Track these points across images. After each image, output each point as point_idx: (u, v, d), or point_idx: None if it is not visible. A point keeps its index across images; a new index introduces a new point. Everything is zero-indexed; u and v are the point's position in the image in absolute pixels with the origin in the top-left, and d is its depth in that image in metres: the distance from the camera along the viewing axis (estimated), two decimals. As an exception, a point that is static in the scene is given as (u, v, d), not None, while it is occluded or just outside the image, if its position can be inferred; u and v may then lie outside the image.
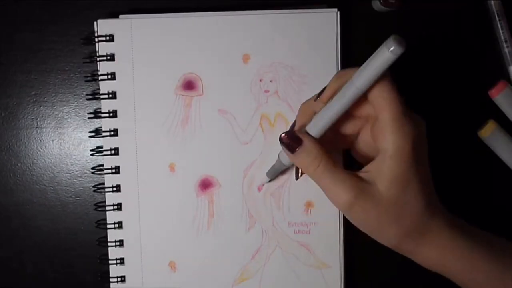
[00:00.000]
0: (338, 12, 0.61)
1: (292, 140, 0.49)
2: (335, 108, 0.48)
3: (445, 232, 0.50)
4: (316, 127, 0.50)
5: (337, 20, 0.60)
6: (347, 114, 0.50)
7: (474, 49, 0.64)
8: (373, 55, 0.45)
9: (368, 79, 0.45)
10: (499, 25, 0.62)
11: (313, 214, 0.62)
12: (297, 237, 0.63)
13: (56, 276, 0.65)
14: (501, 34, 0.62)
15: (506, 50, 0.63)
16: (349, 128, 0.53)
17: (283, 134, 0.50)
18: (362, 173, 0.49)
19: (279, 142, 0.51)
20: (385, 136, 0.47)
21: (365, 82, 0.45)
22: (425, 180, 0.50)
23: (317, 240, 0.62)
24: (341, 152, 0.59)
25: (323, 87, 0.52)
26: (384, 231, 0.50)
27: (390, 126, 0.46)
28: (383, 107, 0.47)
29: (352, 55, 0.63)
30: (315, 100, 0.53)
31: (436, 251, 0.50)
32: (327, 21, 0.61)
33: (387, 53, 0.43)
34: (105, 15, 0.62)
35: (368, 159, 0.50)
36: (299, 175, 0.57)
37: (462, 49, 0.64)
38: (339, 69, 0.61)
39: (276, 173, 0.60)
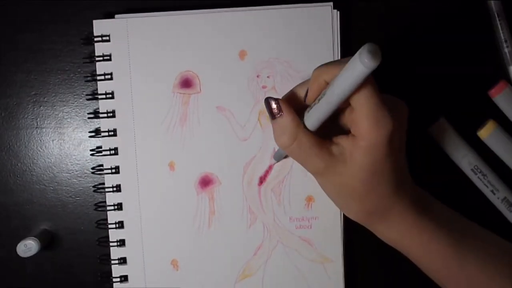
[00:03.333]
0: (336, 10, 0.61)
1: (276, 107, 0.49)
2: (322, 110, 0.47)
3: (407, 215, 0.50)
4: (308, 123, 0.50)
5: (332, 14, 0.61)
6: None
7: (474, 49, 0.64)
8: (347, 66, 0.43)
9: (346, 90, 0.43)
10: (499, 25, 0.62)
11: (314, 209, 0.62)
12: (298, 232, 0.63)
13: (56, 276, 0.65)
14: (501, 34, 0.62)
15: (506, 50, 0.63)
16: None
17: (268, 98, 0.50)
18: (333, 146, 0.49)
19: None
20: (359, 127, 0.46)
21: (344, 92, 0.44)
22: (397, 167, 0.49)
23: (318, 234, 0.62)
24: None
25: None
26: (347, 207, 0.52)
27: (365, 120, 0.46)
28: (359, 100, 0.46)
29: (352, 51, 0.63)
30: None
31: (395, 232, 0.52)
32: (322, 15, 0.61)
33: (360, 67, 0.40)
34: (105, 15, 0.63)
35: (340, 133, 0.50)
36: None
37: (462, 49, 0.64)
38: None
39: (281, 156, 0.60)
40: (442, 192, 0.63)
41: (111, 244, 0.62)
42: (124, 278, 0.63)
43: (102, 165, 0.62)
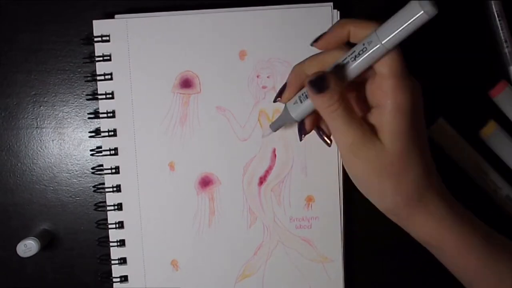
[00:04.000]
0: (336, 10, 0.61)
1: (321, 82, 0.48)
2: (358, 66, 0.47)
3: (442, 205, 0.49)
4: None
5: (332, 14, 0.61)
6: None
7: (474, 49, 0.64)
8: (402, 13, 0.44)
9: (397, 39, 0.44)
10: (499, 25, 0.62)
11: (314, 209, 0.62)
12: (298, 232, 0.63)
13: (56, 276, 0.65)
14: (501, 34, 0.62)
15: (506, 50, 0.63)
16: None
17: (312, 78, 0.48)
18: (364, 121, 0.49)
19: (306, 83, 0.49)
20: (384, 92, 0.47)
21: (394, 42, 0.45)
22: (423, 142, 0.50)
23: (318, 234, 0.62)
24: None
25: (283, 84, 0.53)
26: (382, 188, 0.49)
27: (391, 82, 0.46)
28: (383, 63, 0.46)
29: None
30: (274, 102, 0.55)
31: (432, 223, 0.50)
32: (322, 15, 0.61)
33: (421, 14, 0.42)
34: (105, 15, 0.63)
35: (366, 109, 0.51)
36: (328, 141, 0.55)
37: (462, 49, 0.64)
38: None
39: (279, 126, 0.57)
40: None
41: (111, 244, 0.62)
42: (124, 278, 0.63)
43: (102, 165, 0.62)
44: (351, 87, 0.52)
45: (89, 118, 0.64)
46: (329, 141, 0.55)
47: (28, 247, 0.61)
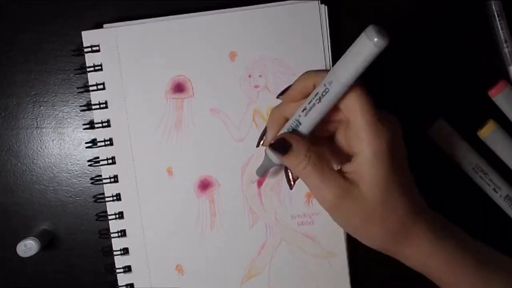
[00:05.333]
0: (324, 4, 0.60)
1: (282, 145, 0.49)
2: (319, 107, 0.47)
3: (429, 235, 0.49)
4: (302, 127, 0.49)
5: (320, 9, 0.60)
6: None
7: (474, 49, 0.64)
8: (353, 47, 0.43)
9: (353, 74, 0.44)
10: (499, 25, 0.62)
11: (315, 205, 0.62)
12: (301, 229, 0.63)
13: (56, 276, 0.65)
14: (501, 34, 0.62)
15: (506, 50, 0.62)
16: (322, 131, 0.53)
17: (273, 142, 0.50)
18: (344, 174, 0.49)
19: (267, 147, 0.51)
20: (359, 141, 0.46)
21: (350, 76, 0.44)
22: (406, 182, 0.49)
23: (321, 230, 0.63)
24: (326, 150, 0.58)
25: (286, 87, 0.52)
26: (368, 232, 0.50)
27: (364, 130, 0.46)
28: (355, 111, 0.46)
29: (342, 46, 0.63)
30: (257, 146, 0.55)
31: (420, 254, 0.50)
32: (310, 11, 0.60)
33: (371, 46, 0.41)
34: (105, 16, 0.63)
35: (344, 159, 0.50)
36: (292, 183, 0.56)
37: (462, 49, 0.64)
38: (327, 58, 0.61)
39: (265, 170, 0.58)
40: (443, 192, 0.63)
41: (114, 253, 0.63)
42: (130, 286, 0.63)
43: (100, 175, 0.62)
44: (326, 139, 0.53)
45: (84, 129, 0.64)
46: (290, 185, 0.56)
47: (28, 247, 0.61)
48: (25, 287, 0.65)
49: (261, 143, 0.55)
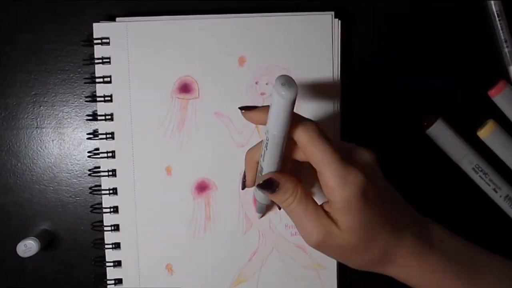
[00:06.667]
0: (338, 19, 0.60)
1: (270, 184, 0.48)
2: (269, 154, 0.47)
3: (414, 255, 0.49)
4: (265, 171, 0.49)
5: (333, 22, 0.60)
6: (299, 163, 0.50)
7: (474, 49, 0.64)
8: (271, 102, 0.43)
9: (280, 124, 0.43)
10: (499, 25, 0.62)
11: None
12: (294, 239, 0.63)
13: (56, 276, 0.66)
14: (501, 34, 0.62)
15: (506, 50, 0.62)
16: (302, 173, 0.52)
17: (261, 181, 0.49)
18: (325, 212, 0.49)
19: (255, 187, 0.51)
20: (329, 190, 0.46)
21: (280, 128, 0.44)
22: (388, 210, 0.49)
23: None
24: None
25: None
26: (351, 261, 0.50)
27: (331, 181, 0.45)
28: (318, 163, 0.46)
29: (352, 62, 0.63)
30: (242, 189, 0.56)
31: (405, 273, 0.50)
32: (323, 24, 0.60)
33: (280, 100, 0.41)
34: (105, 16, 0.63)
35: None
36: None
37: (462, 49, 0.64)
38: (335, 72, 0.61)
39: (262, 209, 0.60)
40: (443, 192, 0.63)
41: (106, 246, 0.63)
42: (118, 281, 0.63)
43: (99, 167, 0.62)
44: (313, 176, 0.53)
45: (87, 120, 0.64)
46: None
47: (28, 247, 0.61)
48: (25, 287, 0.66)
49: (245, 186, 0.55)
